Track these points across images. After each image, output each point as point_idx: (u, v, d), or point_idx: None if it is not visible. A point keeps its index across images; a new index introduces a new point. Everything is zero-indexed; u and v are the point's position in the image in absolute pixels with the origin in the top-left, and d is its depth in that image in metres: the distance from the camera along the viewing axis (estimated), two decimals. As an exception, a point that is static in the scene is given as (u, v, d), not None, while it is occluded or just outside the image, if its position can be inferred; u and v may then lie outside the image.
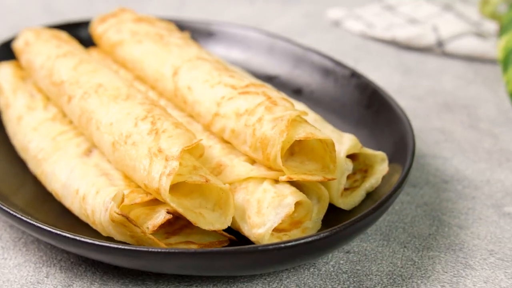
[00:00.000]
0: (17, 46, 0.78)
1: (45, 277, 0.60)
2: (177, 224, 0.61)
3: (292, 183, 0.61)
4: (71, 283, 0.59)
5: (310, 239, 0.54)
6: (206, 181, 0.58)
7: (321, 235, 0.54)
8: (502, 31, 0.83)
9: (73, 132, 0.68)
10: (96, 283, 0.59)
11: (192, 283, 0.58)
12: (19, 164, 0.70)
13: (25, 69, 0.77)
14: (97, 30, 0.80)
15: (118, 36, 0.77)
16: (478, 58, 0.91)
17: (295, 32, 1.00)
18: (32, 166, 0.68)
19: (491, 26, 0.94)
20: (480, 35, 0.92)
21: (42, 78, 0.73)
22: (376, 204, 0.57)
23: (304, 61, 0.81)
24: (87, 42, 0.83)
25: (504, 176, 0.70)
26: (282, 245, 0.53)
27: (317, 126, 0.65)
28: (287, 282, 0.58)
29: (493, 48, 0.90)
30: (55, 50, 0.74)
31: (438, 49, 0.93)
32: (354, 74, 0.76)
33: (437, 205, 0.67)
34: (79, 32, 0.85)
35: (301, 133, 0.60)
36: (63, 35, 0.79)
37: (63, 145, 0.67)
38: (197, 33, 0.86)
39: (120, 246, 0.54)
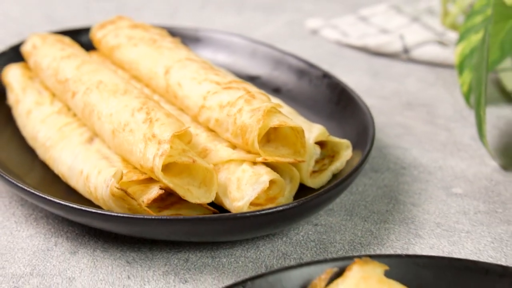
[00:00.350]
0: (25, 49, 0.87)
1: (54, 245, 0.69)
2: (168, 200, 0.70)
3: (268, 165, 0.70)
4: (77, 250, 0.68)
5: (281, 208, 0.64)
6: (193, 162, 0.67)
7: (290, 205, 0.64)
8: (459, 39, 0.93)
9: (77, 124, 0.78)
10: (98, 250, 0.68)
11: (181, 249, 0.68)
12: (29, 152, 0.79)
13: (33, 70, 0.86)
14: (96, 35, 0.90)
15: (116, 40, 0.87)
16: (439, 63, 1.01)
17: (278, 39, 1.10)
18: (41, 153, 0.78)
19: (452, 36, 1.04)
20: (442, 43, 1.02)
21: (48, 77, 0.82)
22: (338, 180, 0.67)
23: (282, 63, 0.90)
24: (88, 46, 0.92)
25: (455, 163, 0.80)
26: (257, 212, 0.63)
27: (291, 117, 0.74)
28: (263, 249, 0.68)
29: (453, 54, 1.00)
30: (59, 53, 0.83)
31: (404, 55, 1.03)
32: (326, 75, 0.86)
33: (395, 187, 0.76)
34: (80, 37, 0.94)
35: (275, 121, 0.69)
36: (66, 39, 0.89)
37: (68, 135, 0.76)
38: (187, 39, 0.95)
39: (119, 214, 0.64)
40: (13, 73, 0.86)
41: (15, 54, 0.90)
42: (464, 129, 0.87)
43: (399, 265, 0.57)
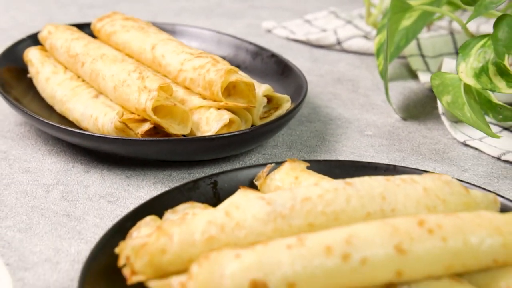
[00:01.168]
0: (42, 35, 1.13)
1: (72, 167, 0.94)
2: (156, 136, 0.96)
3: (228, 110, 0.96)
4: (89, 170, 0.93)
5: (237, 132, 0.90)
6: (174, 105, 0.93)
7: (245, 130, 0.90)
8: (377, 33, 1.21)
9: (85, 86, 1.03)
10: (105, 169, 0.93)
11: (166, 168, 0.93)
12: (48, 108, 1.05)
13: (48, 51, 1.12)
14: (96, 26, 1.16)
15: (112, 28, 1.13)
16: (364, 52, 1.29)
17: (239, 36, 1.36)
18: (58, 107, 1.03)
19: (374, 32, 1.32)
20: (366, 37, 1.30)
21: (61, 54, 1.08)
22: (279, 117, 0.94)
23: (241, 48, 1.17)
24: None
25: (369, 117, 1.07)
26: (220, 135, 0.89)
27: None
28: (225, 168, 0.94)
29: (373, 45, 1.27)
30: (70, 36, 1.09)
31: (337, 46, 1.30)
32: (273, 55, 1.13)
33: (323, 131, 1.03)
34: (83, 30, 1.20)
35: (233, 78, 0.96)
36: (74, 28, 1.14)
37: (79, 92, 1.02)
38: (166, 31, 1.22)
39: (121, 137, 0.90)
40: (32, 53, 1.11)
41: (32, 41, 1.16)
42: (378, 96, 1.14)
43: (318, 165, 0.84)
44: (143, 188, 0.90)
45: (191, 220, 0.69)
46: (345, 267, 0.63)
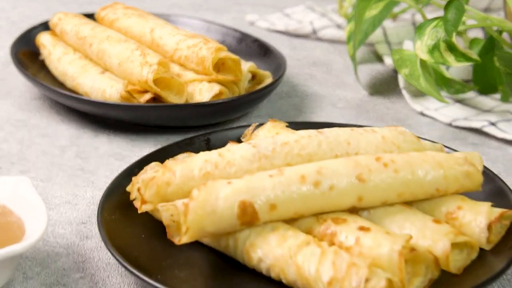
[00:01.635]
0: (52, 21, 1.27)
1: (83, 133, 1.09)
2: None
3: (219, 83, 1.12)
4: (97, 135, 1.08)
5: (225, 100, 1.05)
6: (172, 77, 1.08)
7: (230, 98, 1.06)
8: (348, 23, 1.36)
9: (93, 64, 1.18)
10: (112, 134, 1.08)
11: (164, 134, 1.08)
12: (59, 85, 1.19)
13: (58, 35, 1.26)
14: (100, 14, 1.30)
15: (114, 16, 1.27)
16: (337, 40, 1.44)
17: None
18: (69, 82, 1.17)
19: (345, 22, 1.48)
20: (339, 27, 1.46)
21: (71, 37, 1.23)
22: (260, 88, 1.09)
23: (228, 35, 1.32)
24: (93, 23, 1.33)
25: (340, 92, 1.23)
26: (213, 102, 1.05)
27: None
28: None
29: (344, 34, 1.43)
30: (78, 21, 1.24)
31: (313, 36, 1.46)
32: (256, 40, 1.28)
33: (301, 105, 1.18)
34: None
35: (222, 54, 1.11)
36: (81, 15, 1.29)
37: (88, 70, 1.16)
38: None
39: (126, 104, 1.05)
40: (44, 37, 1.26)
41: (43, 28, 1.30)
42: (348, 76, 1.30)
43: (295, 125, 0.99)
44: (145, 149, 1.05)
45: (191, 160, 0.84)
46: (316, 192, 0.78)
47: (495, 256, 0.77)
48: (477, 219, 0.79)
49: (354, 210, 0.80)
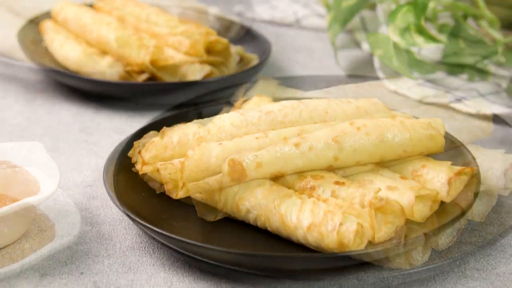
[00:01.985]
0: (55, 10, 1.38)
1: (85, 110, 1.19)
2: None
3: (210, 64, 1.22)
4: (99, 112, 1.18)
5: (215, 78, 1.16)
6: (166, 59, 1.19)
7: (220, 76, 1.17)
8: (329, 12, 1.47)
9: (94, 49, 1.28)
10: (112, 112, 1.18)
11: (161, 109, 1.19)
12: (62, 68, 1.30)
13: (60, 23, 1.36)
14: (99, 5, 1.41)
15: (112, 5, 1.38)
16: (319, 29, 1.55)
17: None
18: (71, 65, 1.28)
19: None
20: (322, 16, 1.57)
21: (73, 24, 1.33)
22: (247, 68, 1.20)
23: (217, 22, 1.43)
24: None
25: (321, 74, 1.34)
26: (202, 80, 1.15)
27: (222, 42, 1.27)
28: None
29: (326, 22, 1.54)
30: (79, 10, 1.34)
31: (296, 24, 1.57)
32: (243, 27, 1.39)
33: (286, 82, 1.29)
34: (85, 9, 1.45)
35: (212, 38, 1.22)
36: (81, 4, 1.40)
37: (89, 52, 1.27)
38: (155, 10, 1.47)
39: (125, 82, 1.15)
40: (47, 24, 1.36)
41: (45, 17, 1.41)
42: (329, 60, 1.40)
43: (286, 81, 1.09)
44: (143, 124, 1.15)
45: (186, 126, 0.94)
46: (297, 151, 0.88)
47: (453, 207, 0.87)
48: (439, 175, 0.90)
49: (331, 169, 0.91)
